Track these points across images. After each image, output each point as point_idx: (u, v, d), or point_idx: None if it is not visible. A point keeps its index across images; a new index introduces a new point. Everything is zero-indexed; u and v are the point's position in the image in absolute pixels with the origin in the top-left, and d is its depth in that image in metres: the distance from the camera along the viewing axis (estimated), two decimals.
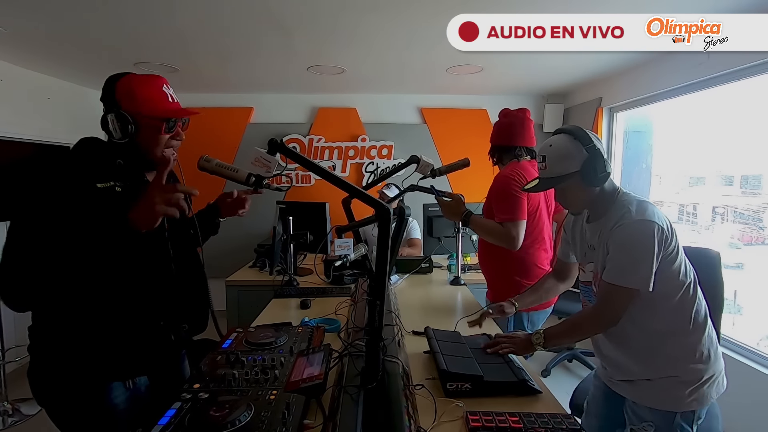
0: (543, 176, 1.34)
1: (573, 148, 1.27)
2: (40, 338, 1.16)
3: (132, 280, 1.17)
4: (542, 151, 1.33)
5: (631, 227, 1.19)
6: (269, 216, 4.36)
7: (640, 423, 1.28)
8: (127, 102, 1.13)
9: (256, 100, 4.42)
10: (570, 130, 1.30)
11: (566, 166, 1.27)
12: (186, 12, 2.31)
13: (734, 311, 2.81)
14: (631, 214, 1.21)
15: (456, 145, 4.35)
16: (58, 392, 1.15)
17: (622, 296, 1.20)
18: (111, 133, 1.13)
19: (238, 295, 2.76)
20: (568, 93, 4.38)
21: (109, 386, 1.16)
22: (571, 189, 1.30)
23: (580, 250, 1.44)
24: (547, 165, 1.30)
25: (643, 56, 3.08)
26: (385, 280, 1.07)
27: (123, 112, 1.11)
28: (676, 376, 1.24)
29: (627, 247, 1.19)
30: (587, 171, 1.25)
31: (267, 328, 1.58)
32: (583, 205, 1.36)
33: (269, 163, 1.17)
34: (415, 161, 2.02)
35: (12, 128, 3.16)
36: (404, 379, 1.23)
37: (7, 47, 2.85)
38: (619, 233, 1.20)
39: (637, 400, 1.30)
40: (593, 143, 1.26)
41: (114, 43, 2.82)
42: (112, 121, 1.11)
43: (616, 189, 1.31)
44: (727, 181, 3.20)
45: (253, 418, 0.97)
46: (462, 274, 2.61)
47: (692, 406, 1.24)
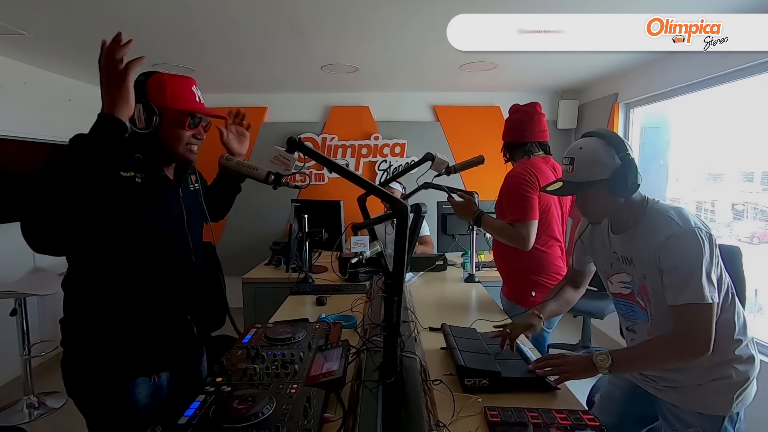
0: (567, 179, 1.25)
1: (605, 155, 1.19)
2: (71, 331, 1.19)
3: (157, 273, 1.21)
4: (571, 152, 1.25)
5: (686, 240, 1.11)
6: (284, 214, 4.44)
7: (685, 428, 1.23)
8: (156, 95, 1.16)
9: (270, 100, 4.47)
10: (604, 135, 1.23)
11: (595, 172, 1.19)
12: (203, 14, 2.35)
13: (755, 309, 2.75)
14: (676, 223, 1.13)
15: (469, 142, 4.33)
16: (87, 385, 1.18)
17: (706, 314, 1.09)
18: (134, 122, 1.14)
19: (254, 292, 2.80)
20: (583, 89, 4.33)
21: (134, 381, 1.19)
22: (594, 196, 1.23)
23: (605, 261, 1.36)
24: (575, 168, 1.22)
25: (659, 52, 3.03)
26: (402, 276, 1.08)
27: (150, 103, 1.14)
28: (728, 376, 1.19)
29: (685, 262, 1.10)
30: (616, 180, 1.18)
31: (285, 324, 1.61)
32: (604, 215, 1.29)
33: (288, 161, 1.19)
34: (429, 159, 2.03)
35: (35, 129, 3.25)
36: (422, 375, 1.24)
37: (30, 51, 2.94)
38: (675, 247, 1.12)
39: (683, 405, 1.24)
40: (628, 152, 1.19)
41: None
42: (138, 110, 1.13)
43: (644, 198, 1.24)
44: (747, 177, 3.13)
45: (275, 411, 0.99)
46: (476, 272, 2.61)
47: (738, 408, 1.20)
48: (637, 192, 1.22)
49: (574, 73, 3.73)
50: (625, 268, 1.29)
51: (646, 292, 1.24)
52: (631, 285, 1.29)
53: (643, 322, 1.29)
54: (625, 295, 1.32)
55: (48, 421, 2.69)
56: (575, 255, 1.52)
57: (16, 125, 3.14)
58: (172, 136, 1.20)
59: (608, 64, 3.43)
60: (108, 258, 1.15)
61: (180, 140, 1.21)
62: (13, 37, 2.63)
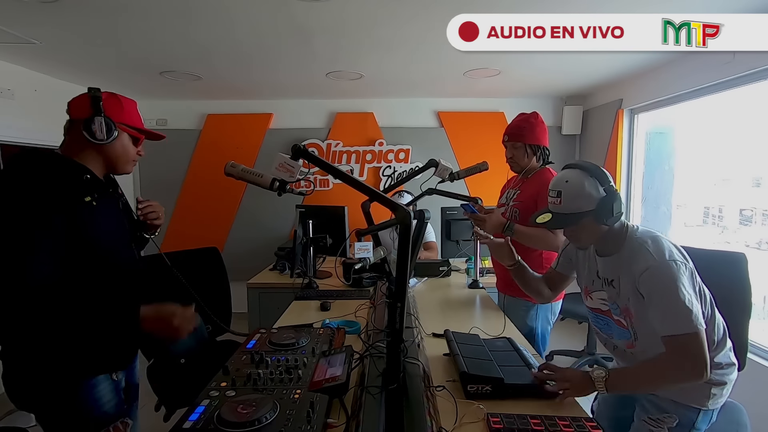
0: (556, 211, 1.31)
1: (590, 187, 1.25)
2: (11, 341, 1.17)
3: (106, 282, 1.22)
4: (557, 185, 1.30)
5: (660, 273, 1.17)
6: (289, 220, 4.47)
7: (660, 413, 1.28)
8: (114, 111, 1.23)
9: (275, 106, 4.50)
10: (588, 168, 1.29)
11: (582, 204, 1.25)
12: (209, 22, 2.39)
13: (763, 317, 2.72)
14: (652, 256, 1.19)
15: (473, 148, 4.34)
16: (41, 391, 1.17)
17: (697, 342, 1.14)
18: (93, 135, 1.20)
19: (259, 298, 2.81)
20: (587, 95, 4.33)
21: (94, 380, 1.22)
22: (583, 226, 1.29)
23: (588, 277, 1.43)
24: (562, 201, 1.28)
25: (664, 57, 3.03)
26: (405, 283, 1.09)
27: (109, 118, 1.20)
28: (708, 380, 1.22)
29: (671, 293, 1.15)
30: (602, 210, 1.24)
31: (289, 329, 1.61)
32: (592, 241, 1.36)
33: (293, 168, 1.21)
34: (433, 165, 2.04)
35: (45, 136, 3.29)
36: (425, 381, 1.24)
37: (41, 59, 3.00)
38: (652, 281, 1.18)
39: (661, 393, 1.29)
40: (611, 183, 1.26)
41: (142, 54, 2.94)
42: (100, 122, 1.19)
43: (624, 224, 1.30)
44: (755, 182, 3.11)
45: (278, 416, 1.00)
46: (480, 278, 2.60)
47: (714, 405, 1.26)
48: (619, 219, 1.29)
49: (578, 78, 3.74)
50: (606, 289, 1.35)
51: (630, 314, 1.29)
52: (609, 304, 1.35)
53: (624, 339, 1.34)
54: (603, 311, 1.39)
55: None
56: (561, 258, 1.59)
57: (26, 132, 3.19)
58: (124, 152, 1.28)
59: (613, 69, 3.42)
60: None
61: (129, 156, 1.29)
62: (24, 46, 2.68)
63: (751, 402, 1.36)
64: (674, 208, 3.68)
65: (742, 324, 1.43)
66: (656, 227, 1.29)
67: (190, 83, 3.68)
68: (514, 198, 2.06)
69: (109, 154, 1.25)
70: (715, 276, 1.34)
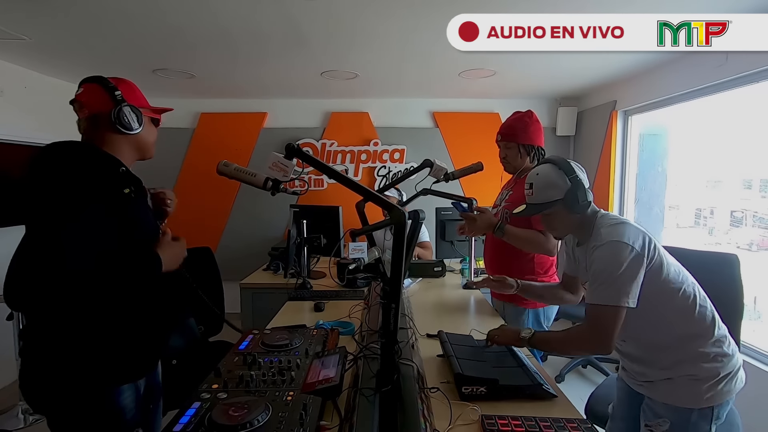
0: (530, 202, 1.42)
1: (557, 178, 1.35)
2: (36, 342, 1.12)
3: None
4: (530, 179, 1.42)
5: (602, 249, 1.25)
6: (283, 220, 4.44)
7: (655, 419, 1.29)
8: (132, 97, 1.20)
9: (269, 105, 4.48)
10: (555, 161, 1.39)
11: (551, 194, 1.35)
12: (203, 20, 2.37)
13: (754, 317, 2.75)
14: (602, 236, 1.27)
15: (468, 149, 4.34)
16: (64, 397, 1.12)
17: (608, 316, 1.21)
18: (128, 126, 1.16)
19: (252, 298, 2.79)
20: (581, 96, 4.35)
21: (120, 388, 1.16)
22: (556, 215, 1.39)
23: (582, 271, 1.48)
24: (534, 192, 1.39)
25: (658, 58, 3.05)
26: (400, 284, 1.08)
27: (134, 106, 1.18)
28: (694, 374, 1.25)
29: (601, 268, 1.24)
30: (570, 199, 1.33)
31: (282, 330, 1.60)
32: (567, 231, 1.44)
33: (286, 167, 1.19)
34: (428, 165, 2.03)
35: (35, 134, 3.26)
36: (419, 382, 1.24)
37: (31, 56, 2.96)
38: (594, 255, 1.27)
39: (654, 397, 1.31)
40: (576, 173, 1.35)
41: (134, 52, 2.90)
42: (129, 113, 1.16)
43: (596, 213, 1.37)
44: (746, 184, 3.14)
45: (271, 419, 0.98)
46: (475, 278, 2.60)
47: (710, 402, 1.24)
48: (592, 209, 1.37)
49: (573, 80, 3.75)
50: (585, 277, 1.41)
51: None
52: None
53: None
54: None
55: (43, 427, 2.65)
56: (565, 262, 1.62)
57: (16, 130, 3.15)
58: (152, 136, 1.26)
59: (607, 71, 3.44)
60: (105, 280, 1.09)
61: (154, 138, 1.28)
62: (13, 42, 2.64)
63: (743, 402, 1.36)
64: (666, 209, 3.71)
65: (734, 324, 1.44)
66: (649, 228, 1.29)
67: (183, 81, 3.64)
68: (506, 199, 2.06)
69: (140, 141, 1.23)
70: (708, 277, 1.35)
